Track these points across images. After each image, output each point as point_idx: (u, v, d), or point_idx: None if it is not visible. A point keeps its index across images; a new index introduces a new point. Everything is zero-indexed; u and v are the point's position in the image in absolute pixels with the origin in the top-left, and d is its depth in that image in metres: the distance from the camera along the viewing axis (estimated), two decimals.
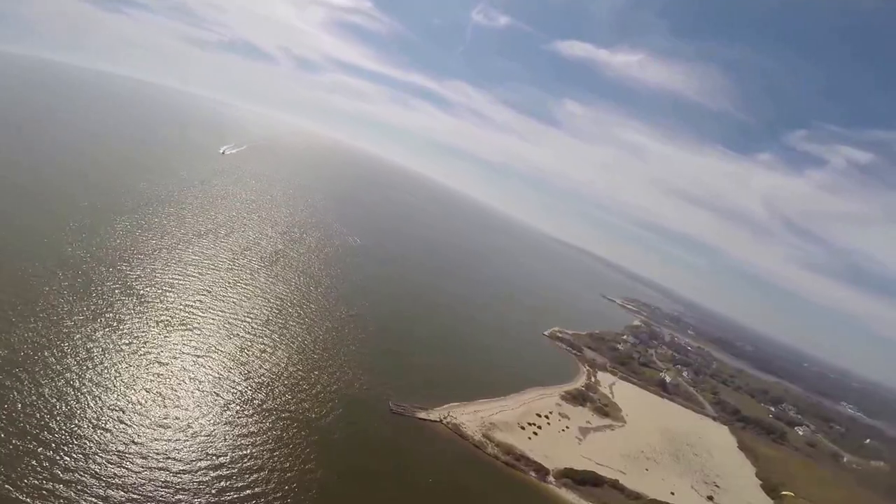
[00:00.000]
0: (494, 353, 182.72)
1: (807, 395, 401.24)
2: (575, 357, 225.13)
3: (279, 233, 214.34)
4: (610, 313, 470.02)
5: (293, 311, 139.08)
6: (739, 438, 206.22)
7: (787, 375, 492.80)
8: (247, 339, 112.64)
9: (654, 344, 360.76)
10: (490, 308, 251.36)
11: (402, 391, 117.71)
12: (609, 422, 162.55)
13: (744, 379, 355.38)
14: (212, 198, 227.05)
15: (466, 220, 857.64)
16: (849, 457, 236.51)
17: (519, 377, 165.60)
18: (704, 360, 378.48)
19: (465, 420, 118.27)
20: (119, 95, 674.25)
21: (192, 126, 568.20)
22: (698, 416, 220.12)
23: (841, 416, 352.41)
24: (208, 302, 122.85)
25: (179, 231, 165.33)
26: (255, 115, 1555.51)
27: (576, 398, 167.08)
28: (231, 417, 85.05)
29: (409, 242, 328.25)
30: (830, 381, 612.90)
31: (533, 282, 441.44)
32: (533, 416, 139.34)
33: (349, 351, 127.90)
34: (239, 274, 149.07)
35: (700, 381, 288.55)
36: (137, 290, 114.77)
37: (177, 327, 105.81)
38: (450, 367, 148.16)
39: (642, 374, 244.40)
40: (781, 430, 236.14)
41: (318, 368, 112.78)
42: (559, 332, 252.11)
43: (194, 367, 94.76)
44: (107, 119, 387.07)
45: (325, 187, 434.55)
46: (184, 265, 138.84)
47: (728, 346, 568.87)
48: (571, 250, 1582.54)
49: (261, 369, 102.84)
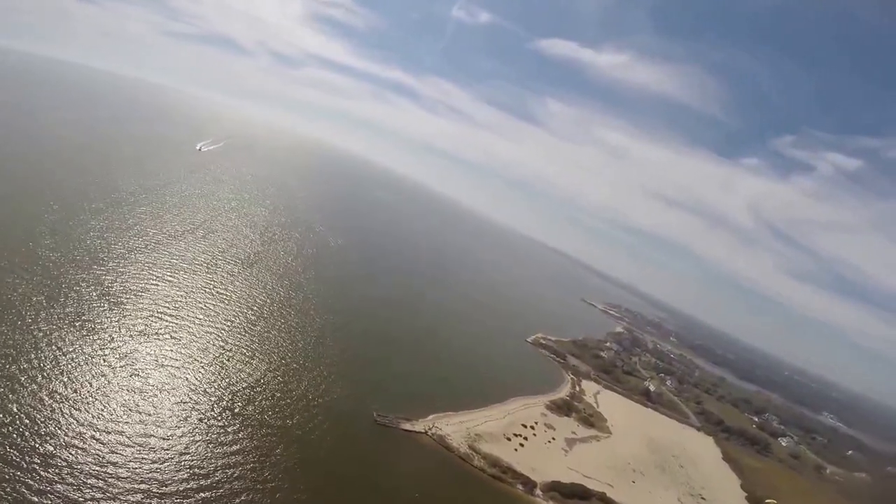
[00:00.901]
0: (478, 360, 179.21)
1: (788, 404, 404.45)
2: (559, 365, 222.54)
3: (258, 233, 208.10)
4: (591, 319, 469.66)
5: (272, 316, 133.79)
6: (724, 449, 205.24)
7: (768, 384, 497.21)
8: (225, 348, 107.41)
9: (638, 351, 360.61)
10: (472, 313, 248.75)
11: (385, 401, 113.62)
12: (595, 432, 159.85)
13: (726, 388, 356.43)
14: (189, 196, 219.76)
15: (444, 220, 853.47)
16: (832, 468, 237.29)
17: (503, 386, 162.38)
18: (687, 369, 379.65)
19: (451, 431, 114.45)
20: (91, 88, 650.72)
21: (168, 121, 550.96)
22: (682, 427, 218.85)
23: (823, 427, 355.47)
24: (185, 308, 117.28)
25: (156, 232, 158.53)
26: (232, 111, 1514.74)
27: (561, 408, 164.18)
28: (211, 433, 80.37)
29: (388, 243, 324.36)
30: (811, 391, 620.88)
31: (513, 285, 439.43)
32: (518, 426, 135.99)
33: (331, 359, 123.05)
34: (217, 277, 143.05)
35: (683, 390, 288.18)
36: (112, 296, 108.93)
37: (153, 336, 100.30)
38: (433, 376, 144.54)
39: (626, 383, 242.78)
40: (765, 442, 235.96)
41: (299, 378, 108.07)
42: (542, 339, 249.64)
43: (172, 378, 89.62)
44: (78, 113, 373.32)
45: (305, 186, 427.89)
46: (160, 268, 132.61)
47: (709, 354, 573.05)
48: (550, 252, 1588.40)
49: (241, 380, 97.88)
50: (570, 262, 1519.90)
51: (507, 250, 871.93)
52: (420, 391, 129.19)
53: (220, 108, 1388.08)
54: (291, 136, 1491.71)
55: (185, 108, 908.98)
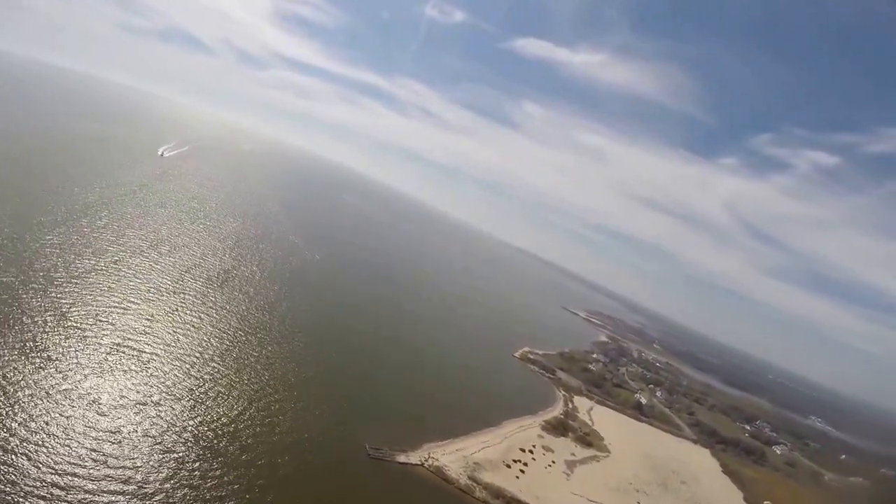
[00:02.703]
0: (467, 381, 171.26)
1: (776, 409, 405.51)
2: (549, 381, 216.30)
3: (228, 247, 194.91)
4: (575, 328, 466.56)
5: (248, 341, 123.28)
6: (722, 461, 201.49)
7: (753, 389, 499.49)
8: (198, 379, 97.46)
9: (624, 362, 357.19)
10: (454, 326, 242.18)
11: (377, 432, 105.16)
12: (593, 452, 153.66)
13: (715, 396, 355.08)
14: (152, 206, 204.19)
15: (419, 227, 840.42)
16: (829, 475, 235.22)
17: (497, 407, 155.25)
18: (674, 377, 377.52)
19: (448, 461, 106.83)
20: (42, 85, 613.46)
21: (127, 122, 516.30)
22: (678, 440, 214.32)
23: (814, 432, 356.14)
24: (152, 334, 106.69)
25: (117, 247, 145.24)
26: (194, 111, 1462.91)
27: (556, 428, 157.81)
28: (188, 477, 71.26)
29: (362, 253, 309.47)
30: (795, 394, 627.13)
31: (493, 295, 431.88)
32: (517, 451, 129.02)
33: (315, 387, 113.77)
34: (185, 299, 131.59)
35: (674, 401, 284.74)
36: (71, 323, 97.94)
37: (118, 369, 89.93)
38: (423, 400, 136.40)
39: (618, 397, 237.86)
40: (761, 451, 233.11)
41: (283, 410, 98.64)
42: (530, 354, 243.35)
43: (142, 417, 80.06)
44: (28, 112, 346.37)
45: (275, 193, 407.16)
46: (123, 290, 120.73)
47: (693, 360, 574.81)
48: (526, 257, 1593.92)
49: (218, 416, 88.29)
50: (547, 267, 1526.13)
51: (484, 256, 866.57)
52: (411, 418, 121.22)
53: (182, 109, 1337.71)
54: (257, 139, 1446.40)
55: (144, 108, 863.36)
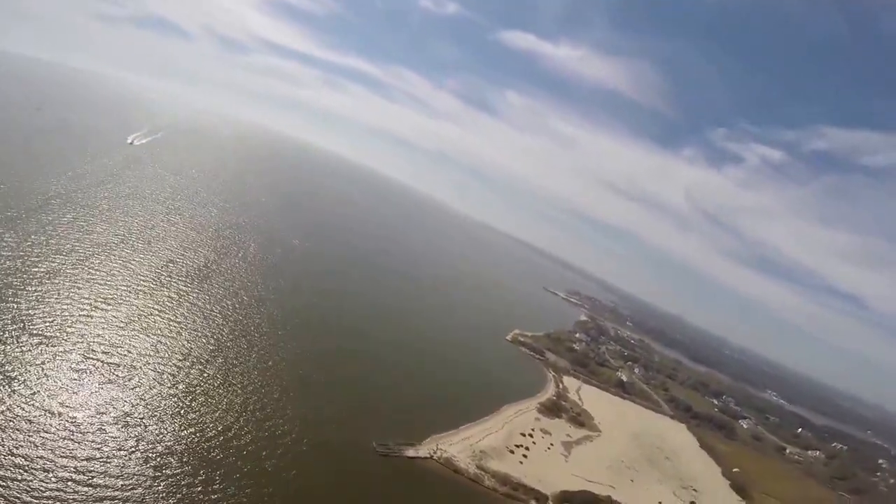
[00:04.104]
0: (463, 368, 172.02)
1: (737, 384, 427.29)
2: (539, 363, 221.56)
3: (208, 238, 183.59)
4: (556, 308, 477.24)
5: (236, 342, 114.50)
6: (698, 436, 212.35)
7: (715, 364, 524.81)
8: (186, 387, 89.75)
9: (604, 340, 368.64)
10: (444, 312, 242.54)
11: (381, 427, 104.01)
12: (586, 432, 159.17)
13: (684, 372, 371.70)
14: (123, 198, 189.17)
15: (403, 211, 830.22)
16: (790, 448, 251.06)
17: (494, 393, 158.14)
18: (648, 354, 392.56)
19: (455, 452, 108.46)
20: (5, 74, 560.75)
21: (95, 109, 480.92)
22: (658, 416, 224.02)
23: (771, 406, 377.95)
24: (129, 340, 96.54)
25: (86, 245, 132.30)
26: (172, 98, 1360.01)
27: (551, 410, 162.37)
28: (188, 494, 67.85)
29: (348, 238, 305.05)
30: (749, 369, 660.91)
31: (478, 277, 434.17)
32: (517, 436, 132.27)
33: (310, 385, 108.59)
34: (163, 297, 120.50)
35: (650, 378, 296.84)
36: (36, 332, 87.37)
37: (94, 381, 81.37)
38: (423, 392, 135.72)
39: (601, 375, 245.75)
40: (730, 426, 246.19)
41: (281, 414, 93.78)
42: (520, 336, 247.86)
43: (126, 434, 73.02)
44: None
45: (257, 181, 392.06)
46: (94, 292, 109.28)
47: (662, 337, 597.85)
48: (506, 238, 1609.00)
49: (211, 426, 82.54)
50: (525, 248, 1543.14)
51: (466, 238, 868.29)
52: (413, 409, 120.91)
53: (158, 96, 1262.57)
54: (238, 125, 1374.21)
55: (116, 95, 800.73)
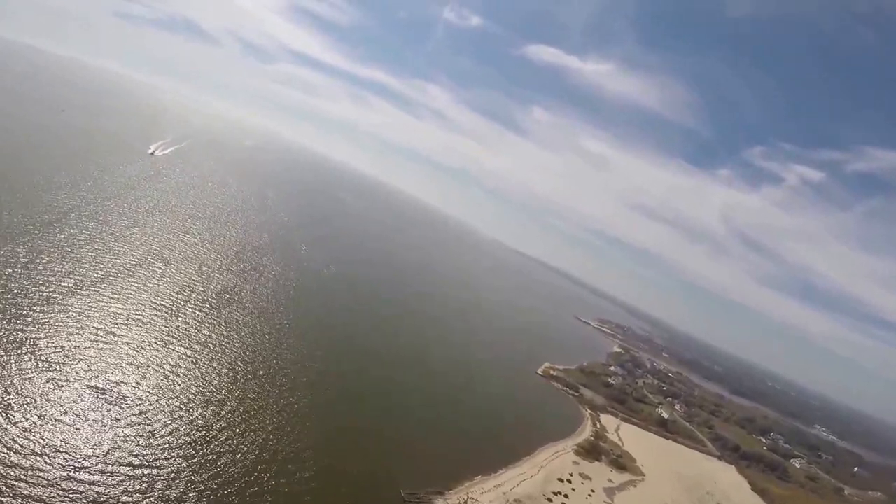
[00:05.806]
0: (495, 403, 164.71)
1: (784, 419, 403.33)
2: (573, 399, 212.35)
3: (229, 260, 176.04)
4: (588, 338, 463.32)
5: (256, 377, 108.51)
6: (749, 479, 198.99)
7: (759, 398, 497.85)
8: (203, 428, 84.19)
9: (640, 373, 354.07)
10: (476, 343, 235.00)
11: (409, 473, 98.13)
12: (629, 476, 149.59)
13: (728, 408, 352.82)
14: (142, 214, 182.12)
15: (425, 233, 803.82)
16: (848, 489, 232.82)
17: (528, 433, 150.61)
18: (687, 388, 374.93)
19: (488, 501, 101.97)
20: (27, 72, 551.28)
21: (119, 115, 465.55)
22: (704, 457, 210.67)
23: (823, 443, 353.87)
24: (143, 372, 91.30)
25: (100, 265, 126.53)
26: (195, 105, 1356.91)
27: (590, 452, 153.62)
28: None
29: (372, 264, 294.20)
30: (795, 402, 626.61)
31: (508, 305, 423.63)
32: (555, 481, 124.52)
33: (333, 425, 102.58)
34: (180, 326, 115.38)
35: (693, 414, 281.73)
36: (43, 359, 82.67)
37: (105, 417, 76.21)
38: (454, 432, 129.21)
39: (641, 412, 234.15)
40: (782, 466, 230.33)
41: (302, 457, 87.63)
42: (552, 370, 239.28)
43: (136, 477, 67.26)
44: (5, 100, 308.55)
45: (282, 197, 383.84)
46: (107, 317, 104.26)
47: (700, 368, 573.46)
48: (532, 262, 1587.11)
49: (230, 468, 77.47)
50: (554, 274, 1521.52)
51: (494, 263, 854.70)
52: (443, 452, 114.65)
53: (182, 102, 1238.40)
54: (262, 135, 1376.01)
55: (137, 98, 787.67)
